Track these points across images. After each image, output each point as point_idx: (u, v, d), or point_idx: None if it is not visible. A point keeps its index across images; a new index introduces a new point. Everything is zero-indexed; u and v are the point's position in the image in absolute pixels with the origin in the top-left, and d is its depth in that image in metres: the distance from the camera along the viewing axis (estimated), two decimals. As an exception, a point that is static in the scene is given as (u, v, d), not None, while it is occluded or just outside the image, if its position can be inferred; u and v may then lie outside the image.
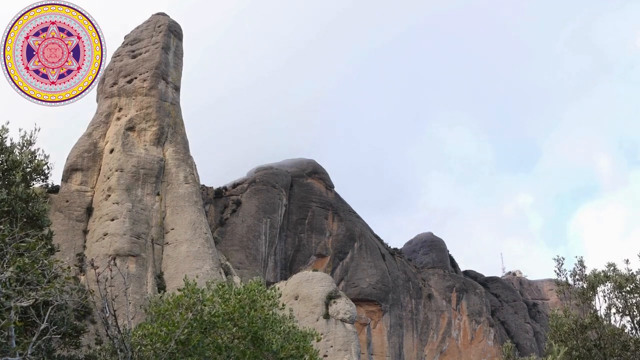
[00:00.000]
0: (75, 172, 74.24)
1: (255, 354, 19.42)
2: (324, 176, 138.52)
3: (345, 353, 68.76)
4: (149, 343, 17.46)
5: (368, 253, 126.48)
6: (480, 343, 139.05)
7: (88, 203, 71.82)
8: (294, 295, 74.27)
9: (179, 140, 79.16)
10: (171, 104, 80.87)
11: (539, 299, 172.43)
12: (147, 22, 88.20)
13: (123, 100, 79.85)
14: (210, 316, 18.88)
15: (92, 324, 52.66)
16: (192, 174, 77.35)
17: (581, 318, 19.71)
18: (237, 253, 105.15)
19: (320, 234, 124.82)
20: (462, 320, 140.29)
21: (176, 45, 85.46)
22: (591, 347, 19.23)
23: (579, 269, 20.79)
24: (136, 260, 65.34)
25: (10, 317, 11.09)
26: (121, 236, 65.91)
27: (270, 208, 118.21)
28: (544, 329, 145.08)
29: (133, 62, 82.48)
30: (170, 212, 72.49)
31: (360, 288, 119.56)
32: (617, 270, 20.14)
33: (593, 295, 20.12)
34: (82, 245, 67.62)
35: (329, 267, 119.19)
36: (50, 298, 11.75)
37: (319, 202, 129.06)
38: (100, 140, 77.42)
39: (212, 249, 71.86)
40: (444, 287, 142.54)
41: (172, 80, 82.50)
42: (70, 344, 20.97)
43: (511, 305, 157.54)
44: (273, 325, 20.70)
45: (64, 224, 68.43)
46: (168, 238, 70.51)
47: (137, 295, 61.43)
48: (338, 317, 71.65)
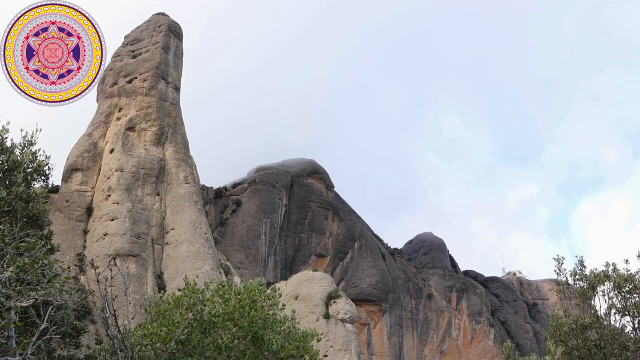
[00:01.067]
0: (75, 172, 74.22)
1: (256, 354, 19.41)
2: (324, 176, 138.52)
3: (345, 353, 68.75)
4: (149, 343, 17.45)
5: (368, 253, 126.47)
6: (480, 343, 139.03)
7: (88, 203, 71.81)
8: (294, 295, 74.27)
9: (179, 140, 79.14)
10: (171, 104, 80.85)
11: (539, 299, 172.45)
12: (147, 22, 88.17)
13: (123, 100, 79.83)
14: (210, 316, 18.87)
15: (92, 324, 52.67)
16: (192, 174, 77.33)
17: (581, 318, 19.70)
18: (237, 253, 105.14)
19: (320, 234, 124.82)
20: (462, 320, 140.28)
21: (176, 45, 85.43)
22: (591, 347, 19.21)
23: (579, 268, 20.78)
24: (136, 260, 65.32)
25: (10, 317, 11.08)
26: (121, 236, 65.89)
27: (270, 208, 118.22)
28: (544, 329, 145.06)
29: (133, 62, 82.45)
30: (170, 212, 72.48)
31: (360, 288, 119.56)
32: (617, 270, 20.12)
33: (593, 295, 20.10)
34: (82, 245, 67.60)
35: (329, 267, 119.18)
36: (50, 298, 11.75)
37: (319, 202, 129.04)
38: (100, 140, 77.40)
39: (212, 249, 71.85)
40: (444, 287, 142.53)
41: (172, 80, 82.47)
42: (70, 344, 20.94)
43: (511, 305, 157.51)
44: (273, 325, 20.69)
45: (64, 224, 68.41)
46: (168, 238, 70.49)
47: (137, 295, 61.42)
48: (338, 317, 71.63)
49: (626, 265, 20.17)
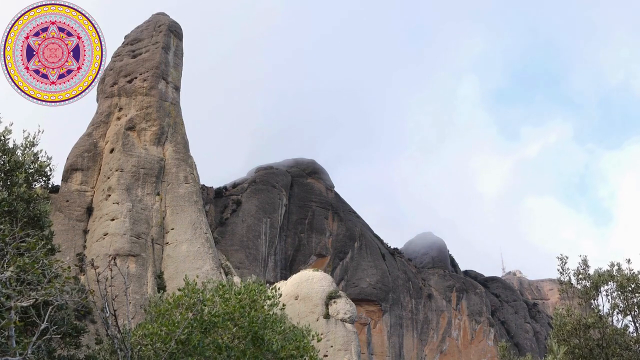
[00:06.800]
0: (76, 172, 74.22)
1: (256, 353, 19.36)
2: (324, 176, 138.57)
3: (345, 353, 68.69)
4: (149, 343, 17.42)
5: (368, 253, 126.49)
6: (480, 343, 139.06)
7: (88, 203, 71.80)
8: (294, 295, 74.17)
9: (179, 140, 79.11)
10: (171, 104, 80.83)
11: (539, 299, 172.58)
12: (147, 22, 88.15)
13: (123, 100, 79.81)
14: (210, 316, 18.82)
15: (92, 324, 52.62)
16: (192, 173, 77.31)
17: (584, 317, 19.66)
18: (237, 253, 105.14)
19: (320, 234, 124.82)
20: (462, 320, 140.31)
21: (176, 45, 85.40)
22: (593, 346, 19.19)
23: (582, 268, 20.73)
24: (136, 260, 65.30)
25: (10, 317, 11.05)
26: (121, 236, 65.88)
27: (270, 208, 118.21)
28: (544, 329, 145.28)
29: (133, 62, 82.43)
30: (170, 212, 72.46)
31: (360, 288, 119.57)
32: (621, 270, 20.09)
33: (596, 295, 20.07)
34: (82, 245, 67.59)
35: (329, 267, 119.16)
36: (50, 298, 11.71)
37: (319, 202, 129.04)
38: (100, 140, 77.39)
39: (212, 249, 71.83)
40: (444, 287, 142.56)
41: (172, 80, 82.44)
42: (70, 344, 20.91)
43: (511, 305, 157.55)
44: (273, 325, 20.65)
45: (64, 224, 68.40)
46: (168, 238, 70.47)
47: (137, 295, 61.40)
48: (338, 317, 71.55)
49: (629, 265, 20.15)
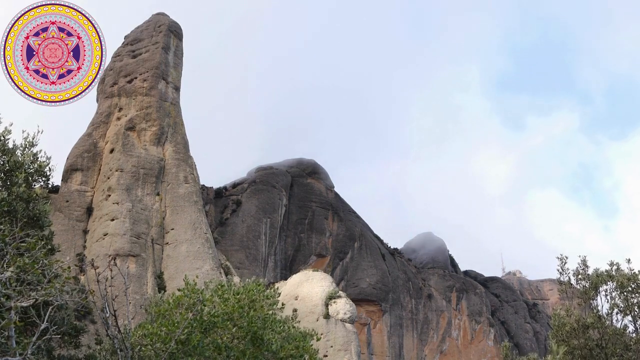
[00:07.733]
0: (75, 172, 74.23)
1: (255, 354, 19.38)
2: (324, 176, 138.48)
3: (345, 353, 68.69)
4: (149, 343, 17.43)
5: (368, 253, 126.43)
6: (480, 343, 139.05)
7: (88, 203, 71.81)
8: (294, 295, 74.15)
9: (179, 140, 79.12)
10: (171, 104, 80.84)
11: (539, 299, 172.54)
12: (147, 22, 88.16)
13: (123, 100, 79.82)
14: (210, 316, 18.84)
15: (92, 324, 52.61)
16: (192, 174, 77.32)
17: (583, 318, 19.67)
18: (237, 253, 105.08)
19: (320, 234, 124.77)
20: (462, 320, 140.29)
21: (176, 45, 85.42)
22: (593, 346, 19.18)
23: (581, 268, 20.73)
24: (136, 260, 65.31)
25: (10, 317, 11.07)
26: (121, 236, 65.89)
27: (270, 208, 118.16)
28: (544, 329, 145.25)
29: (133, 62, 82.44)
30: (170, 212, 72.47)
31: (360, 288, 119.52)
32: (620, 269, 20.09)
33: (595, 295, 20.07)
34: (82, 245, 67.60)
35: (329, 267, 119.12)
36: (50, 298, 11.73)
37: (319, 202, 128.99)
38: (100, 140, 77.40)
39: (212, 249, 71.84)
40: (444, 287, 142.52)
41: (172, 80, 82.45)
42: (70, 343, 20.95)
43: (511, 305, 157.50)
44: (273, 325, 20.67)
45: (64, 224, 68.40)
46: (168, 238, 70.48)
47: (137, 295, 61.41)
48: (338, 317, 71.52)
49: (628, 264, 20.15)
